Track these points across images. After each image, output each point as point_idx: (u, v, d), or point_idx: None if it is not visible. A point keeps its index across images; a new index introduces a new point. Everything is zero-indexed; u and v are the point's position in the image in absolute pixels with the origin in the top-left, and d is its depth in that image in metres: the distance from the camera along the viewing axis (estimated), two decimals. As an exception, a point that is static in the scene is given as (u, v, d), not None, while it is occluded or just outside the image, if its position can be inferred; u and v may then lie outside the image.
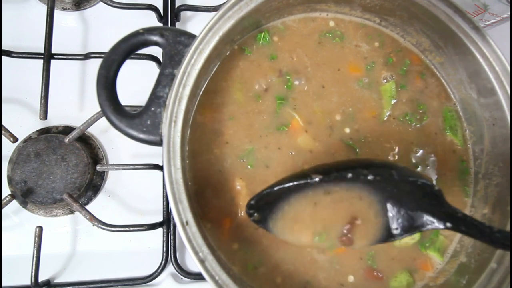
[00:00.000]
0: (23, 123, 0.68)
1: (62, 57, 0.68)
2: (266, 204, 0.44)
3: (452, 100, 0.58)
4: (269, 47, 0.55)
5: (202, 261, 0.41)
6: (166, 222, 0.65)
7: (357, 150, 0.53)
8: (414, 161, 0.54)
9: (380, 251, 0.52)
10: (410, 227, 0.43)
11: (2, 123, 0.62)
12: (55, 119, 0.68)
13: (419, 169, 0.54)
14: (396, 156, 0.54)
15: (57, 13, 0.70)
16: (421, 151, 0.55)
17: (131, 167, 0.64)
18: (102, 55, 0.50)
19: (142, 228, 0.62)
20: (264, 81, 0.54)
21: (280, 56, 0.55)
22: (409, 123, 0.55)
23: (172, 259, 0.64)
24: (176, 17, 0.73)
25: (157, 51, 0.62)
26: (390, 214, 0.44)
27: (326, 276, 0.50)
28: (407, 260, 0.52)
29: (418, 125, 0.56)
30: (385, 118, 0.55)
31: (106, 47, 0.45)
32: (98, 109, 0.46)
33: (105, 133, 0.70)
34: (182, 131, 0.43)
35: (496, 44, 0.48)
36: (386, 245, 0.51)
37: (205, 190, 0.50)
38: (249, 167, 0.51)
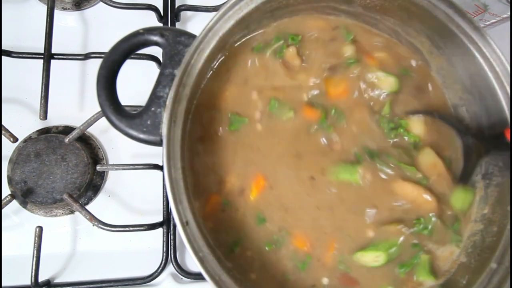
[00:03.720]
0: (23, 123, 0.68)
1: (62, 57, 0.68)
2: None
3: (453, 101, 0.58)
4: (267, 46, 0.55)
5: (202, 261, 0.41)
6: (166, 222, 0.65)
7: None
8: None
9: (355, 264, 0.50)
10: None
11: (2, 123, 0.62)
12: (55, 119, 0.68)
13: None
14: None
15: (57, 13, 0.70)
16: None
17: (131, 167, 0.64)
18: (102, 55, 0.50)
19: (142, 228, 0.62)
20: (263, 79, 0.54)
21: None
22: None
23: (172, 259, 0.64)
24: (176, 17, 0.73)
25: (157, 51, 0.62)
26: None
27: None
28: (391, 279, 0.50)
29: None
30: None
31: (106, 47, 0.45)
32: (98, 109, 0.46)
33: (105, 133, 0.70)
34: (182, 131, 0.43)
35: (496, 44, 0.48)
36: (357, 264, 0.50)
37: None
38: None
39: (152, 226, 0.63)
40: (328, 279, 0.49)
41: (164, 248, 0.64)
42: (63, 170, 0.64)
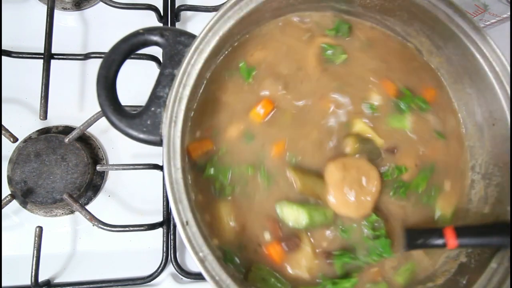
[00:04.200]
0: (23, 123, 0.68)
1: (62, 57, 0.68)
2: None
3: (452, 100, 0.58)
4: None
5: (202, 261, 0.41)
6: (166, 222, 0.65)
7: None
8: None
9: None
10: None
11: (2, 123, 0.62)
12: (55, 119, 0.68)
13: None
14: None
15: (57, 13, 0.70)
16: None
17: (131, 167, 0.64)
18: (102, 55, 0.50)
19: (142, 228, 0.62)
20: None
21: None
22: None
23: (172, 259, 0.64)
24: (176, 17, 0.74)
25: (157, 51, 0.62)
26: None
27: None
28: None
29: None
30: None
31: (106, 47, 0.45)
32: (98, 109, 0.46)
33: (105, 133, 0.70)
34: (182, 131, 0.43)
35: (496, 44, 0.49)
36: None
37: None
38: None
39: (152, 226, 0.63)
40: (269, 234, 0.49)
41: (164, 248, 0.64)
42: (63, 170, 0.64)
